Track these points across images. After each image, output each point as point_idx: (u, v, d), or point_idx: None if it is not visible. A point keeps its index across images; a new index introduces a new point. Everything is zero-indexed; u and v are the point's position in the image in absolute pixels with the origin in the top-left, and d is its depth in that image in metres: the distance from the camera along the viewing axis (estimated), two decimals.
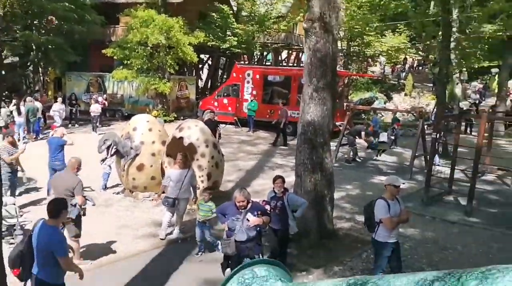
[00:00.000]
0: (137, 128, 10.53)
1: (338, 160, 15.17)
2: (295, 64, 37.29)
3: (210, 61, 33.77)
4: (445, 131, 14.54)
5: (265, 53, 35.70)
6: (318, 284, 1.52)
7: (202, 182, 9.67)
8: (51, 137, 10.87)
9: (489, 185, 12.92)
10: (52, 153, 10.07)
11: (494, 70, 30.68)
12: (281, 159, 15.67)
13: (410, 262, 7.49)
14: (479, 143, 10.61)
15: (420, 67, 39.45)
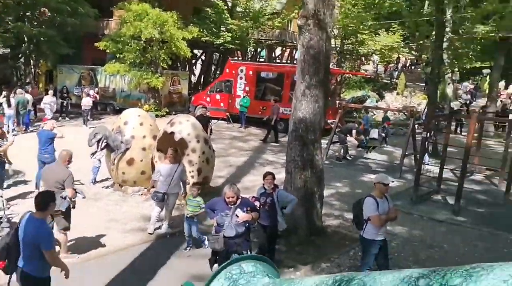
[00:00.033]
0: (128, 122, 10.48)
1: (328, 158, 15.20)
2: (289, 61, 37.32)
3: (203, 57, 33.67)
4: (435, 131, 14.66)
5: (259, 49, 35.68)
6: (305, 281, 1.52)
7: (192, 177, 9.64)
8: (41, 130, 10.77)
9: (477, 185, 13.04)
10: (41, 146, 9.98)
11: (486, 71, 30.94)
12: (272, 155, 15.67)
13: (397, 259, 7.54)
14: (469, 142, 10.70)
15: (412, 67, 39.64)
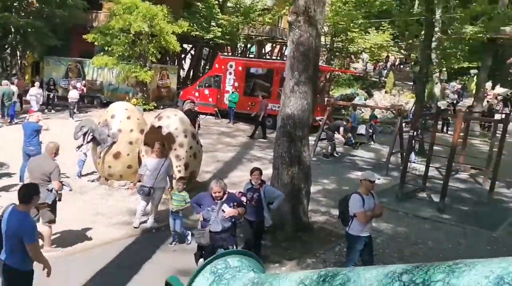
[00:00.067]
0: (115, 116, 10.38)
1: (316, 154, 15.26)
2: (279, 57, 37.32)
3: (193, 51, 33.51)
4: (422, 130, 14.79)
5: (249, 45, 35.59)
6: (290, 276, 1.52)
7: (179, 171, 9.60)
8: (26, 122, 10.64)
9: (462, 183, 13.19)
10: (26, 138, 9.87)
11: (473, 72, 31.28)
12: (259, 151, 15.68)
13: (382, 256, 7.61)
14: (454, 141, 10.81)
15: (401, 66, 39.90)
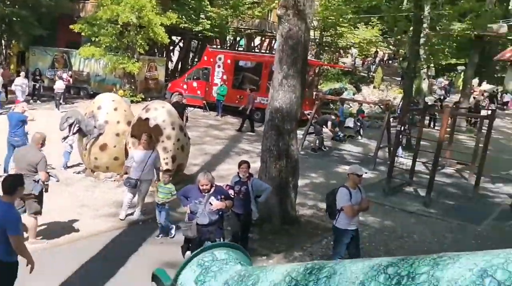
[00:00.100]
0: (102, 107, 10.27)
1: (304, 148, 15.29)
2: (268, 51, 37.22)
3: (181, 44, 33.23)
4: (409, 125, 14.91)
5: (238, 38, 35.43)
6: (277, 268, 1.52)
7: (166, 164, 9.55)
8: (12, 112, 10.50)
9: (448, 178, 13.33)
10: (11, 128, 9.73)
11: (460, 68, 31.55)
12: (248, 144, 15.67)
13: (368, 249, 7.67)
14: (441, 137, 10.92)
15: (390, 61, 40.12)
